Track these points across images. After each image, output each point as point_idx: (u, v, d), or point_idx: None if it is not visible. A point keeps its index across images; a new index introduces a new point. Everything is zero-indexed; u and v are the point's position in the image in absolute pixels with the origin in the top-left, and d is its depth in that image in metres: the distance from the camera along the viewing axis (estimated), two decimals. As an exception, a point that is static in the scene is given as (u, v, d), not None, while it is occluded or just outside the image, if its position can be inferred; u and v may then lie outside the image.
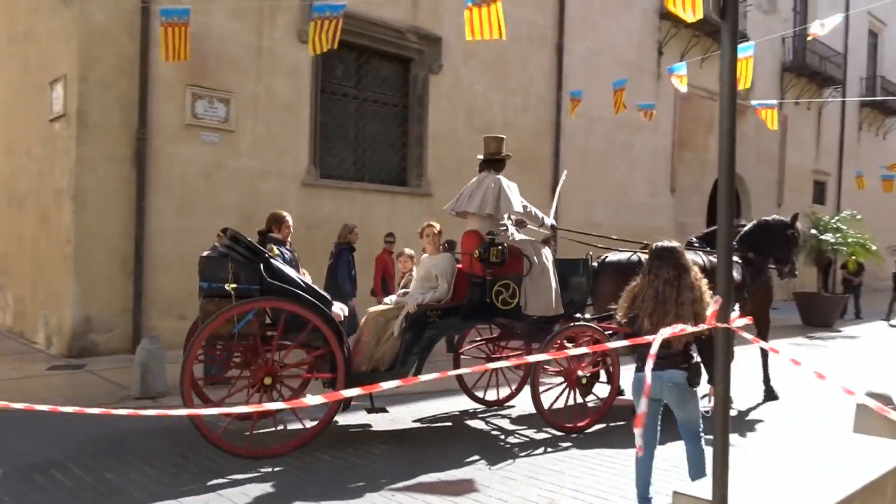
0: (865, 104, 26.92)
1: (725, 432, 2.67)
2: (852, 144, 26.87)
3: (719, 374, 2.70)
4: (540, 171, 15.13)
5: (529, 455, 5.59)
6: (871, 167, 23.22)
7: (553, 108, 15.24)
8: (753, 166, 21.55)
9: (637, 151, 17.37)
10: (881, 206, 27.26)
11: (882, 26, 28.43)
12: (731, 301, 2.73)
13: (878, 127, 28.41)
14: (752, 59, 8.65)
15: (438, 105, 13.24)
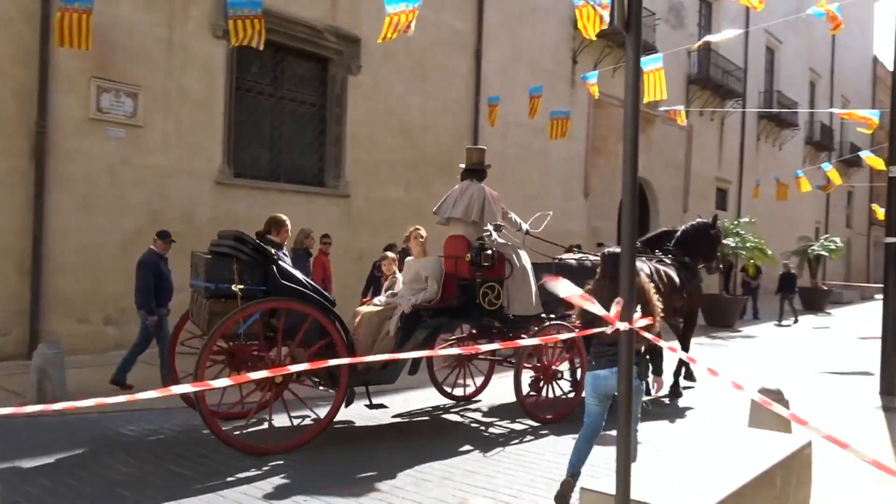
0: (763, 116, 28.53)
1: (627, 429, 2.75)
2: (751, 154, 28.41)
3: (622, 372, 2.78)
4: (458, 174, 15.20)
5: (444, 457, 5.61)
6: (769, 176, 24.65)
7: (471, 113, 15.39)
8: (661, 173, 22.45)
9: (552, 157, 17.76)
10: (776, 213, 28.96)
11: (778, 44, 30.24)
12: (634, 302, 2.82)
13: (775, 138, 30.17)
14: (663, 70, 9.00)
15: (357, 106, 13.13)
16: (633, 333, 2.82)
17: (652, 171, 22.00)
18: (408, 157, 14.14)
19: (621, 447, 2.75)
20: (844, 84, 37.94)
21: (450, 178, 15.08)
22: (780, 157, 30.55)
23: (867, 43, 42.30)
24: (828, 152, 35.35)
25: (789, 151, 31.58)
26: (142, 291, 7.41)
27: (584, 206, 18.98)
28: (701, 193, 24.68)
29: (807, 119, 33.04)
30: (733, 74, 24.98)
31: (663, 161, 22.48)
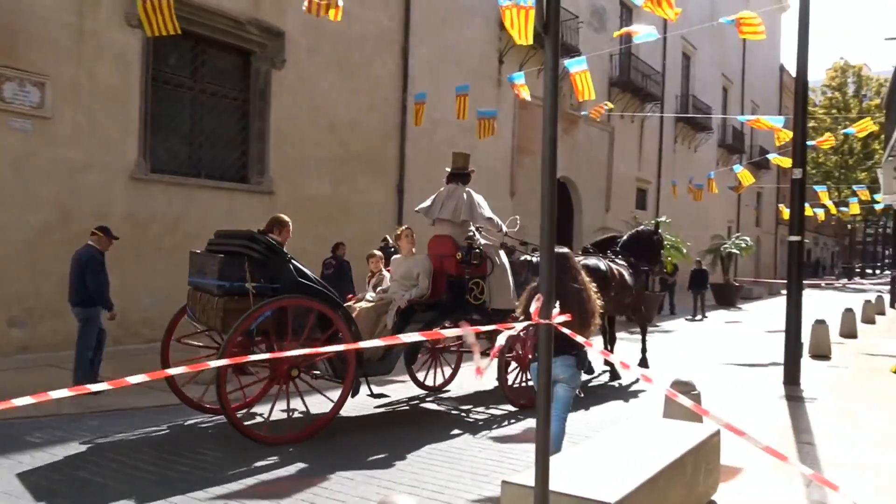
0: (680, 120, 29.63)
1: (546, 425, 2.76)
2: (669, 156, 29.45)
3: (543, 367, 2.79)
4: (385, 172, 15.14)
5: (369, 454, 5.54)
6: (685, 177, 25.57)
7: (398, 110, 15.31)
8: (584, 173, 22.97)
9: (479, 156, 17.85)
10: (692, 212, 30.12)
11: (693, 50, 31.47)
12: (552, 299, 2.85)
13: (691, 141, 31.38)
14: (588, 72, 9.17)
15: (281, 101, 12.85)
16: (551, 329, 2.85)
17: (576, 172, 22.47)
18: (334, 154, 13.94)
19: (540, 441, 2.76)
20: (754, 90, 39.88)
21: (377, 175, 15.04)
22: (695, 158, 31.78)
23: (775, 52, 44.57)
24: (739, 155, 37.03)
25: (704, 153, 32.90)
26: (101, 287, 7.21)
27: (510, 205, 19.19)
28: (622, 193, 25.39)
29: (720, 123, 34.49)
30: (652, 78, 25.82)
31: (587, 161, 23.00)
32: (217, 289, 5.76)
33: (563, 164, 21.59)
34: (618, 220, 23.93)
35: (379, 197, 14.97)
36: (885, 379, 9.44)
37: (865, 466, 5.38)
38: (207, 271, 5.96)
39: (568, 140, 21.93)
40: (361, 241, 13.32)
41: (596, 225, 23.05)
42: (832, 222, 49.58)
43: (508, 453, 5.65)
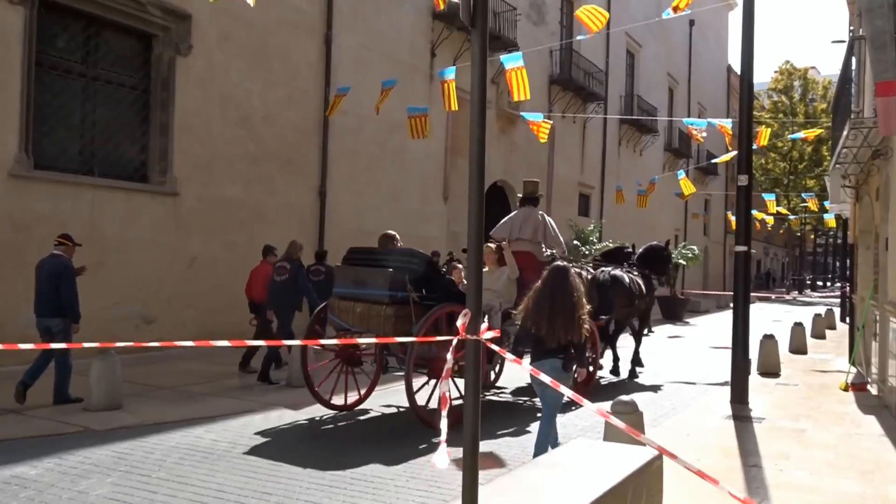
0: (624, 121, 30.50)
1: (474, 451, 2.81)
2: (613, 159, 30.26)
3: (470, 384, 2.84)
4: (305, 172, 15.02)
5: (288, 483, 5.48)
6: (630, 182, 26.30)
7: (320, 104, 15.24)
8: (523, 176, 23.31)
9: (410, 156, 17.95)
10: (637, 219, 30.99)
11: (638, 48, 32.49)
12: (480, 313, 2.90)
13: (636, 143, 32.32)
14: (525, 69, 9.34)
15: (187, 91, 12.60)
16: (479, 345, 2.90)
17: (514, 174, 22.80)
18: (247, 152, 13.75)
19: (467, 462, 2.80)
20: (701, 92, 41.46)
21: (296, 175, 14.92)
22: (641, 162, 32.75)
23: (722, 52, 46.45)
24: (686, 159, 38.34)
25: (650, 157, 33.95)
26: (74, 298, 7.93)
27: (443, 209, 19.33)
28: (564, 198, 25.93)
29: (666, 126, 35.67)
30: (595, 77, 26.50)
31: (525, 164, 23.38)
32: (388, 298, 7.48)
33: (500, 167, 21.89)
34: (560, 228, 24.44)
35: (298, 200, 14.84)
36: (835, 396, 9.94)
37: (811, 489, 5.67)
38: (371, 283, 7.68)
39: (506, 141, 22.26)
40: (279, 246, 13.14)
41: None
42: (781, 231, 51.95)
43: (439, 481, 5.69)
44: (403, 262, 7.77)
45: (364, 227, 16.34)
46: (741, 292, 9.40)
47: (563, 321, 5.56)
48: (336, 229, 15.33)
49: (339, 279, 8.13)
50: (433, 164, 18.96)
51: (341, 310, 8.00)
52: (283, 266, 10.25)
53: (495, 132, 21.47)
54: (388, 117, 15.88)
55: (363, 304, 7.72)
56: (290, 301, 10.07)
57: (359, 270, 7.94)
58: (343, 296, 8.02)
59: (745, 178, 9.45)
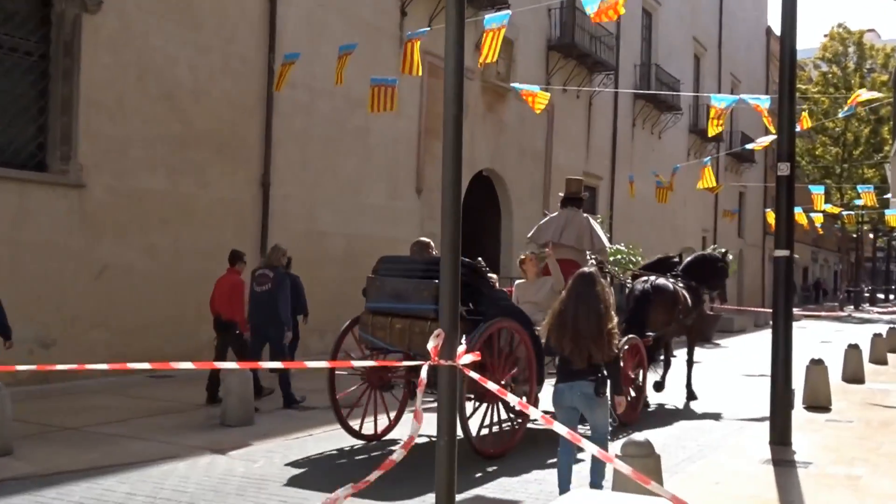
0: (640, 96, 30.72)
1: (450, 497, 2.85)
2: (626, 143, 30.49)
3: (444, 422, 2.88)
4: (244, 158, 15.00)
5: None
6: (646, 171, 26.48)
7: (263, 75, 15.24)
8: (515, 164, 23.47)
9: (375, 139, 17.98)
10: (656, 218, 31.20)
11: (657, 5, 32.72)
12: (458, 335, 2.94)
13: (654, 124, 32.60)
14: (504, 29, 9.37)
15: (97, 58, 12.55)
16: (456, 372, 2.94)
17: (503, 162, 22.89)
18: (172, 133, 13.72)
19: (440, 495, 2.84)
20: (734, 60, 41.86)
21: (233, 163, 14.89)
22: (660, 147, 33.04)
23: (760, 12, 46.91)
24: (716, 143, 38.65)
25: (671, 141, 34.26)
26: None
27: (416, 205, 19.37)
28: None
29: (691, 102, 35.95)
30: (603, 41, 26.70)
31: (518, 148, 23.49)
32: (434, 313, 7.96)
33: (486, 152, 21.97)
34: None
35: (235, 193, 14.82)
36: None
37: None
38: (414, 296, 8.37)
39: (493, 120, 22.36)
40: (212, 251, 13.13)
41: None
42: (836, 233, 52.60)
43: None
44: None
45: (317, 227, 16.32)
46: (782, 307, 9.50)
47: (591, 336, 6.03)
48: (282, 230, 15.31)
49: (373, 292, 8.89)
50: (404, 150, 18.99)
51: (375, 326, 8.74)
52: (265, 274, 10.84)
53: (480, 110, 21.57)
54: (347, 91, 15.87)
55: (403, 320, 8.50)
56: (277, 314, 10.72)
57: (397, 282, 8.67)
58: (378, 310, 8.77)
59: (787, 166, 9.56)
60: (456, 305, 3.18)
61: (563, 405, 6.27)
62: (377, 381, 8.98)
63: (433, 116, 19.40)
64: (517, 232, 23.30)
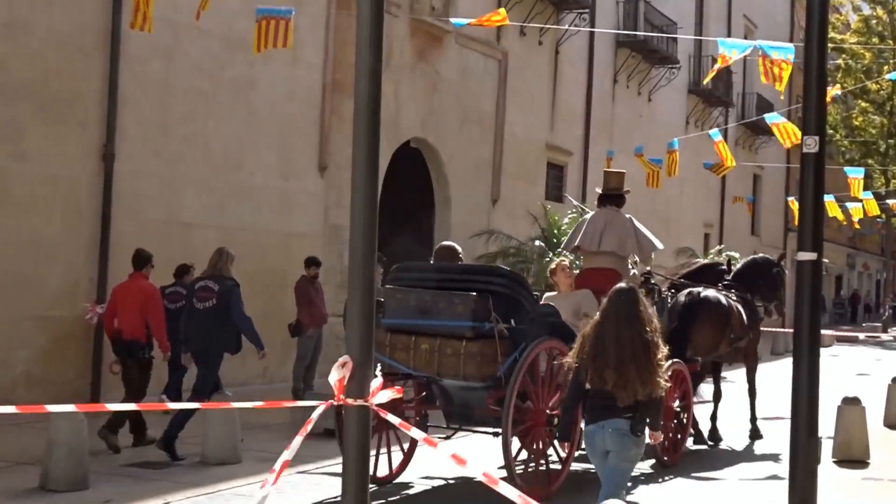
0: (624, 44, 30.98)
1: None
2: (604, 107, 30.72)
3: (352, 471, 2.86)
4: (78, 119, 14.76)
5: None
6: (630, 145, 26.66)
7: (106, 5, 15.01)
8: (455, 133, 23.48)
9: (263, 96, 17.82)
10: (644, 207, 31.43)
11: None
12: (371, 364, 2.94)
13: (642, 81, 32.91)
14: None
15: None
16: (368, 413, 2.94)
17: (439, 129, 22.87)
18: (-25, 84, 13.46)
19: None
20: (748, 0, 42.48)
21: (63, 127, 14.60)
22: (650, 112, 33.37)
23: (783, -67, 47.69)
24: (724, 108, 39.17)
25: (665, 104, 34.63)
26: None
27: (318, 187, 19.25)
28: (523, 170, 26.16)
29: (691, 52, 36.35)
30: (576, -32, 26.85)
31: (459, 111, 23.48)
32: (471, 331, 9.07)
33: (416, 116, 21.95)
34: (515, 220, 24.60)
35: (65, 168, 14.57)
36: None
37: None
38: (445, 311, 9.22)
39: (426, 73, 22.33)
40: (31, 249, 12.87)
41: (476, 225, 23.58)
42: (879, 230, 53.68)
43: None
44: (484, 282, 9.60)
45: (180, 216, 16.11)
46: (807, 328, 9.61)
47: (637, 368, 6.56)
48: (130, 219, 15.09)
49: (392, 306, 9.72)
50: (302, 110, 18.87)
51: (395, 347, 9.61)
52: (208, 287, 11.16)
53: (408, 58, 21.52)
54: (225, 29, 15.74)
55: (430, 339, 9.35)
56: (219, 337, 11.10)
57: (424, 294, 9.51)
58: (399, 328, 9.67)
59: (815, 141, 9.66)
60: (370, 323, 3.21)
61: (595, 451, 6.86)
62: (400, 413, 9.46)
63: (343, 65, 19.32)
64: (458, 224, 23.33)
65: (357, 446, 3.11)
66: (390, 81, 20.20)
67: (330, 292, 17.34)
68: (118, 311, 11.45)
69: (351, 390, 3.02)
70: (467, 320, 9.07)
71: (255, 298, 14.03)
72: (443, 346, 9.19)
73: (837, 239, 52.71)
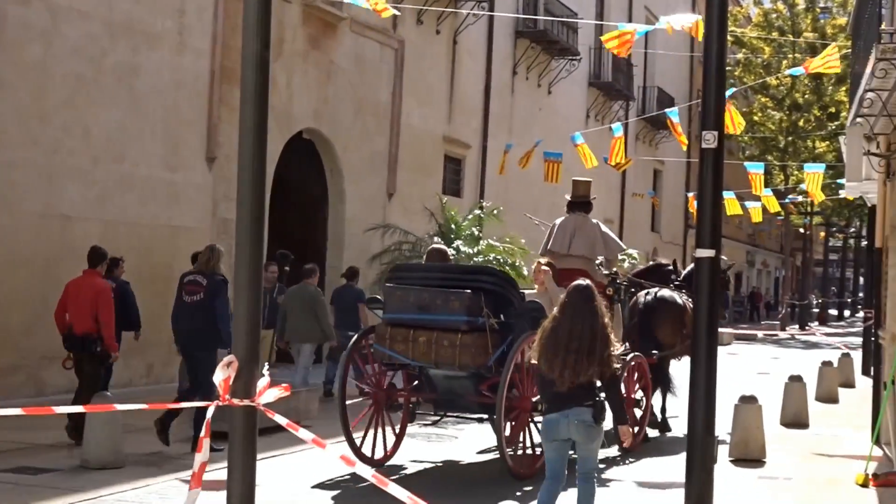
0: (524, 34, 31.14)
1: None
2: (504, 99, 30.90)
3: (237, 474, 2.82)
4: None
5: None
6: (531, 138, 26.80)
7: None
8: (350, 124, 23.40)
9: (147, 82, 17.54)
10: (543, 203, 31.69)
11: None
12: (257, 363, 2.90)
13: (542, 73, 33.11)
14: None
15: None
16: (255, 413, 2.92)
17: (333, 120, 22.77)
18: None
19: None
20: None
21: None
22: (550, 105, 33.61)
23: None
24: (624, 102, 39.66)
25: (565, 96, 34.91)
26: None
27: (206, 179, 19.04)
28: (420, 164, 26.15)
29: (592, 43, 36.67)
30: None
31: (354, 102, 23.41)
32: (466, 325, 10.60)
33: (309, 106, 21.83)
34: (411, 215, 24.61)
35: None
36: (850, 496, 10.57)
37: None
38: (443, 307, 10.75)
39: (320, 62, 22.21)
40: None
41: (371, 219, 23.53)
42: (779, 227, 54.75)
43: None
44: (475, 281, 11.17)
45: (59, 209, 15.82)
46: (705, 327, 9.78)
47: (588, 360, 7.29)
48: (5, 212, 14.78)
49: (393, 302, 11.30)
50: (189, 99, 18.64)
51: (394, 339, 11.08)
52: (197, 281, 11.82)
53: (300, 45, 21.38)
54: (105, 11, 15.47)
55: (428, 332, 10.81)
56: (209, 334, 11.63)
57: (422, 292, 11.02)
58: (399, 322, 11.15)
59: (714, 136, 9.80)
60: (256, 320, 3.20)
61: (556, 437, 7.52)
62: (385, 401, 11.57)
63: (232, 52, 19.12)
64: (352, 218, 23.27)
65: (242, 448, 3.07)
66: (282, 70, 20.11)
67: (218, 288, 17.15)
68: (69, 307, 11.87)
69: (237, 390, 2.97)
70: (462, 315, 10.60)
71: (139, 294, 13.84)
72: (440, 338, 10.67)
73: (737, 236, 53.70)
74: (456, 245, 18.76)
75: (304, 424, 11.04)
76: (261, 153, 3.02)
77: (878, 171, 14.09)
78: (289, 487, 10.16)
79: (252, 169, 2.99)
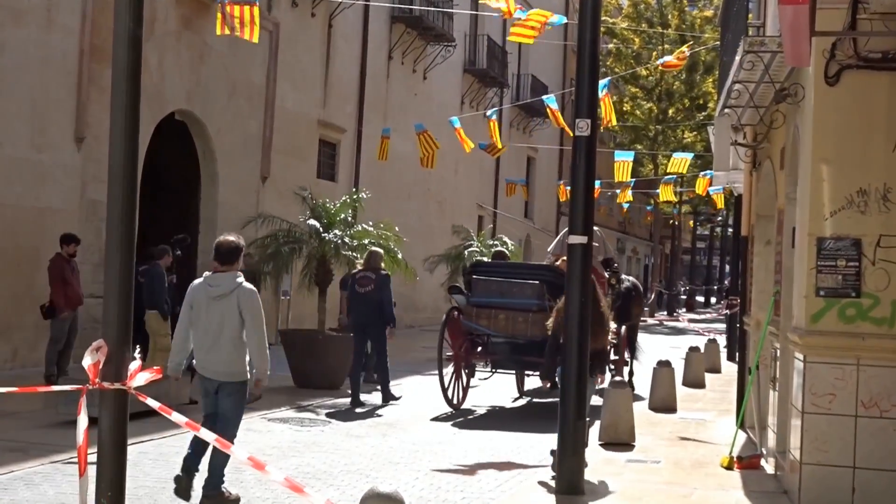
0: (399, 19, 31.15)
1: None
2: (379, 84, 30.90)
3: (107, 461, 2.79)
4: None
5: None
6: (408, 124, 26.87)
7: None
8: (223, 106, 23.14)
9: (12, 59, 17.15)
10: (418, 189, 31.88)
11: None
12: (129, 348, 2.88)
13: (417, 58, 33.16)
14: None
15: None
16: (126, 397, 2.90)
17: (206, 102, 22.51)
18: None
19: None
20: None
21: None
22: (425, 90, 33.69)
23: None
24: (499, 88, 39.92)
25: (441, 82, 35.03)
26: None
27: (75, 160, 18.69)
28: (294, 148, 25.99)
29: (467, 30, 36.85)
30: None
31: (227, 84, 23.16)
32: (536, 307, 14.93)
33: (181, 88, 21.57)
34: (286, 199, 24.47)
35: None
36: (714, 478, 10.80)
37: None
38: (518, 294, 15.33)
39: (193, 43, 21.93)
40: None
41: (244, 203, 23.30)
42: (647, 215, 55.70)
43: None
44: (540, 275, 15.80)
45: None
46: (576, 313, 9.90)
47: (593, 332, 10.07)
48: None
49: (480, 290, 15.67)
50: (56, 77, 18.27)
51: (479, 316, 15.58)
52: (367, 276, 15.98)
53: (173, 25, 21.08)
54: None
55: (506, 311, 15.25)
56: (378, 315, 16.11)
57: (502, 283, 15.58)
58: (483, 304, 15.56)
59: (588, 124, 9.93)
60: (127, 303, 3.16)
61: None
62: (467, 363, 16.02)
63: (103, 30, 18.78)
64: (225, 202, 23.04)
65: (112, 431, 3.03)
66: (154, 50, 19.82)
67: (87, 272, 16.89)
68: None
69: (107, 374, 2.93)
70: (533, 299, 15.08)
71: (4, 278, 13.56)
72: (515, 316, 15.17)
73: (609, 224, 54.40)
74: (334, 233, 18.64)
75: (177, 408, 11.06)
76: (133, 133, 2.98)
77: (745, 161, 14.51)
78: (160, 473, 9.97)
79: (124, 149, 2.94)
